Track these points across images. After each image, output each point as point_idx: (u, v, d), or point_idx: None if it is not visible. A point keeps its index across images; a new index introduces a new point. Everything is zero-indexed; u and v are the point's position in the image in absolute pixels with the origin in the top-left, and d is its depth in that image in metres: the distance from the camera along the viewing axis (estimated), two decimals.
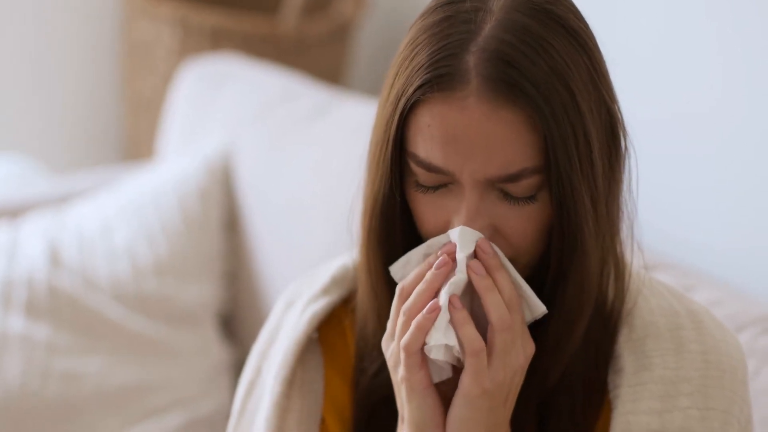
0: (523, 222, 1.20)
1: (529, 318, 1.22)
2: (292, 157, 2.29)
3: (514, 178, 1.17)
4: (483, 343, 1.18)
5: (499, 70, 1.15)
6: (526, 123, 1.15)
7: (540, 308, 1.22)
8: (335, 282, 1.37)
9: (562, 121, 1.15)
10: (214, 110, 2.49)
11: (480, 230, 1.19)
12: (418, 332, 1.20)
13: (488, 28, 1.16)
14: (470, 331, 1.19)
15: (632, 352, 1.27)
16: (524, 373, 1.22)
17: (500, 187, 1.18)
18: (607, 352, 1.28)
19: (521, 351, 1.20)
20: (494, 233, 1.20)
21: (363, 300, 1.32)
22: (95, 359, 2.18)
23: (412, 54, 1.18)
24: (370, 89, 3.25)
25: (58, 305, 2.21)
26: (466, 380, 1.20)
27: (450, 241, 1.21)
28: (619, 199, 1.25)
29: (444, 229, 1.22)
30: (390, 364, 1.24)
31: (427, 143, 1.17)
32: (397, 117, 1.19)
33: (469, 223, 1.19)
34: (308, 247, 2.18)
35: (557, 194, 1.18)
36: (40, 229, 2.32)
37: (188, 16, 3.11)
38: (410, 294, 1.22)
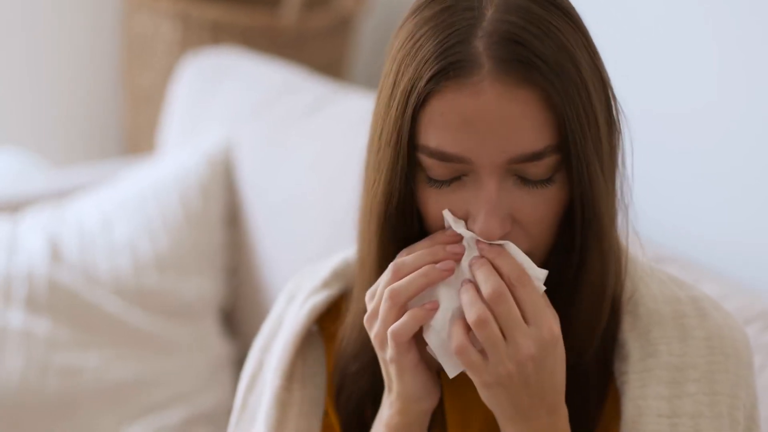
0: (540, 208, 1.18)
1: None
2: (292, 150, 2.28)
3: (538, 156, 1.15)
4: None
5: (510, 50, 1.14)
6: (541, 101, 1.14)
7: (540, 272, 1.18)
8: (336, 275, 1.37)
9: (574, 97, 1.15)
10: (214, 104, 2.48)
11: (501, 221, 1.17)
12: (413, 322, 1.18)
13: (491, 12, 1.16)
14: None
15: (637, 339, 1.26)
16: (547, 357, 1.17)
17: (519, 170, 1.16)
18: (613, 339, 1.28)
19: (526, 340, 1.15)
20: (513, 224, 1.18)
21: (355, 298, 1.31)
22: (95, 354, 2.18)
23: (415, 48, 1.17)
24: (371, 83, 3.24)
25: (58, 300, 2.20)
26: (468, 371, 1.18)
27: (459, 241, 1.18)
28: (616, 182, 1.25)
29: None
30: (375, 344, 1.22)
31: (439, 132, 1.15)
32: (409, 113, 1.16)
33: (492, 213, 1.16)
34: (308, 241, 2.18)
35: (577, 172, 1.16)
36: (40, 224, 2.31)
37: (188, 10, 3.10)
38: (404, 276, 1.19)
